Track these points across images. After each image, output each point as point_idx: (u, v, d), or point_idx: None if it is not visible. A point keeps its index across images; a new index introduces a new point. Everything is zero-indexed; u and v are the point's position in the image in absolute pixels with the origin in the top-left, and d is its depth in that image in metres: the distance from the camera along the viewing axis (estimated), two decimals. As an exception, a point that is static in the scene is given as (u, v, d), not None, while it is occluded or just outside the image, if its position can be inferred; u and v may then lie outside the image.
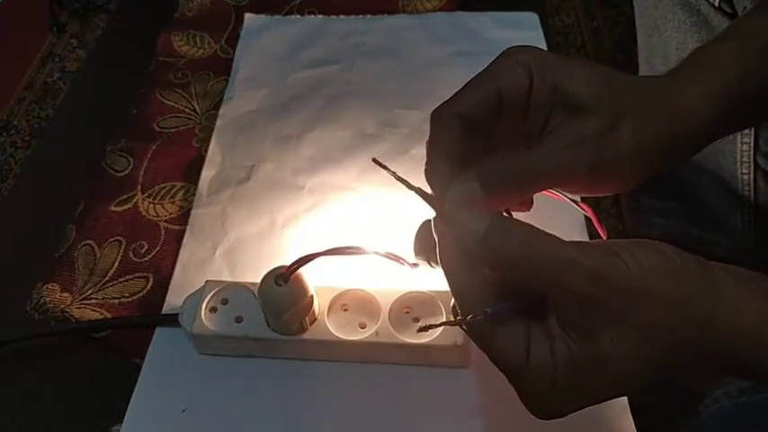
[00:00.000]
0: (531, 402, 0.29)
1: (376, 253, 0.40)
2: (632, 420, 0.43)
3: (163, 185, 0.58)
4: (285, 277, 0.42)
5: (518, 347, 0.27)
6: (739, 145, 0.47)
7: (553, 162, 0.30)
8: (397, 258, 0.39)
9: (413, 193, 0.32)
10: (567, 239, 0.34)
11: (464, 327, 0.29)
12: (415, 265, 0.37)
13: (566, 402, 0.28)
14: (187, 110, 0.65)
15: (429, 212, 0.34)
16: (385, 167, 0.33)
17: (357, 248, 0.41)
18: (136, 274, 0.52)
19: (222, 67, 0.68)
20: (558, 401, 0.28)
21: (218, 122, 0.62)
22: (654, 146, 0.31)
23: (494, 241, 0.27)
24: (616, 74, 0.32)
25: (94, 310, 0.50)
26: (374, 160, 0.33)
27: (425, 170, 0.32)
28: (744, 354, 0.27)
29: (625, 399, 0.44)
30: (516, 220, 0.29)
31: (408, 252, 0.36)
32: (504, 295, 0.29)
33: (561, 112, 0.31)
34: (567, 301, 0.26)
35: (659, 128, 0.31)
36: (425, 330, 0.30)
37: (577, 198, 0.35)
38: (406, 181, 0.32)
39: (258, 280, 0.43)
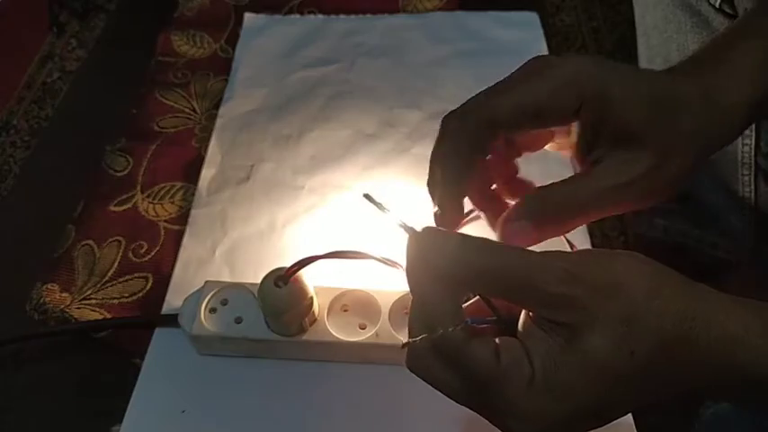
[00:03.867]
0: (509, 411, 0.27)
1: (374, 257, 0.41)
2: (632, 420, 0.43)
3: (162, 185, 0.58)
4: (285, 279, 0.42)
5: (488, 354, 0.27)
6: (740, 146, 0.47)
7: (605, 201, 0.31)
8: (393, 264, 0.40)
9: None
10: (567, 241, 0.33)
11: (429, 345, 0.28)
12: None
13: (547, 402, 0.26)
14: (187, 110, 0.64)
15: (429, 215, 0.35)
16: (375, 203, 0.32)
17: (356, 252, 0.41)
18: (135, 275, 0.52)
19: (222, 66, 0.68)
20: (539, 402, 0.26)
21: (218, 122, 0.62)
22: (692, 171, 0.32)
23: (465, 257, 0.27)
24: (660, 86, 0.31)
25: (94, 311, 0.50)
26: (366, 196, 0.32)
27: (434, 167, 0.32)
28: (730, 356, 0.26)
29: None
30: (484, 238, 0.28)
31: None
32: (474, 312, 0.29)
33: (608, 140, 0.31)
34: (543, 302, 0.26)
35: (700, 151, 0.31)
36: (405, 347, 0.30)
37: None
38: (383, 209, 0.32)
39: (258, 280, 0.43)
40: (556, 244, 0.31)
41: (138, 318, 0.49)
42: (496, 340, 0.27)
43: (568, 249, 0.34)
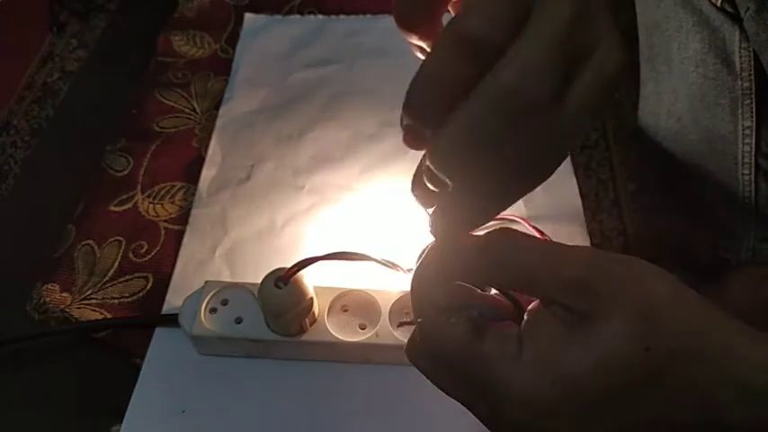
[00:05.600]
0: (497, 393, 0.25)
1: (373, 260, 0.41)
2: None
3: (162, 185, 0.58)
4: (285, 279, 0.42)
5: (465, 333, 0.26)
6: (740, 146, 0.47)
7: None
8: (393, 266, 0.40)
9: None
10: (567, 239, 0.33)
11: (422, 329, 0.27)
12: (410, 270, 0.37)
13: (540, 381, 0.24)
14: (187, 110, 0.64)
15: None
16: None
17: (356, 254, 0.41)
18: (135, 275, 0.52)
19: (222, 66, 0.68)
20: (528, 378, 0.24)
21: (218, 122, 0.62)
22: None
23: (491, 250, 0.26)
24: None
25: (94, 311, 0.50)
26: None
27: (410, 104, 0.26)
28: (747, 383, 0.24)
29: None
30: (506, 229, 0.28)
31: (407, 253, 0.37)
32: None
33: None
34: (561, 288, 0.25)
35: None
36: (402, 326, 0.30)
37: None
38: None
39: (258, 280, 0.43)
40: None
41: (138, 318, 0.49)
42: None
43: None
